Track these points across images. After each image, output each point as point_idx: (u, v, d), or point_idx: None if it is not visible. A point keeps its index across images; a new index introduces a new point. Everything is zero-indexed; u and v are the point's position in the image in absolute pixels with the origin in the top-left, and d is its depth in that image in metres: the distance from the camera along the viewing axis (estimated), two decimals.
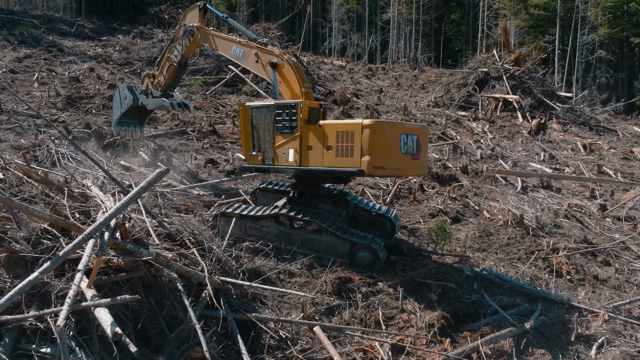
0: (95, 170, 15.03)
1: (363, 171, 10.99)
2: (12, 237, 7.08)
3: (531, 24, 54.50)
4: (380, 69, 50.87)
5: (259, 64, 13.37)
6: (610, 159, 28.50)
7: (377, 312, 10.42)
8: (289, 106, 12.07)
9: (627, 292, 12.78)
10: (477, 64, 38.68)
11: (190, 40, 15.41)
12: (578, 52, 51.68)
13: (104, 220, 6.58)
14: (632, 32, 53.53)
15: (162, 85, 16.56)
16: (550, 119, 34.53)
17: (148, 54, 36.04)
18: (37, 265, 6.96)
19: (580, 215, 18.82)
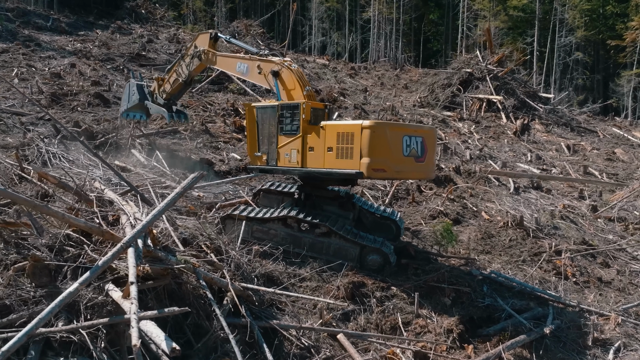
0: (89, 171, 14.51)
1: (362, 173, 10.71)
2: (33, 244, 6.67)
3: (510, 26, 55.19)
4: (363, 68, 50.84)
5: (262, 75, 13.24)
6: (595, 160, 29.00)
7: (392, 317, 10.26)
8: (292, 107, 11.81)
9: (632, 294, 12.90)
10: (460, 64, 38.93)
11: (198, 62, 15.63)
12: (556, 54, 52.54)
13: (141, 227, 6.23)
14: (607, 34, 54.69)
15: (167, 94, 16.87)
16: (533, 120, 34.96)
17: (129, 50, 35.21)
18: (60, 273, 6.57)
19: (573, 217, 19.02)
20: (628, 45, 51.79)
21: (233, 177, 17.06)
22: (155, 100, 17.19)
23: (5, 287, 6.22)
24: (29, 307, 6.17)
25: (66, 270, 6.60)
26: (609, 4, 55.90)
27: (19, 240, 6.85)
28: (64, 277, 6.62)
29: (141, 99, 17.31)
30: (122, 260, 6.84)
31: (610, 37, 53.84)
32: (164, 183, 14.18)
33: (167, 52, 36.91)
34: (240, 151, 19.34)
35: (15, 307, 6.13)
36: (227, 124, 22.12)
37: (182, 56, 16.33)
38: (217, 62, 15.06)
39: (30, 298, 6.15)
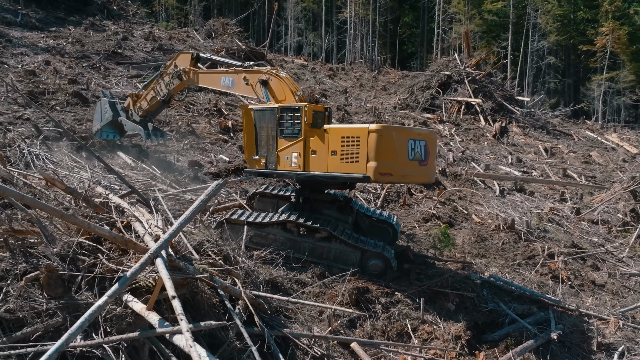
0: (76, 172, 13.98)
1: (369, 177, 10.56)
2: (43, 252, 6.28)
3: (485, 29, 56.00)
4: (341, 69, 50.80)
5: (249, 86, 12.96)
6: (572, 163, 29.56)
7: (398, 323, 10.13)
8: (293, 109, 11.54)
9: (625, 297, 13.10)
10: (439, 67, 39.27)
11: (178, 82, 15.13)
12: (529, 58, 53.55)
13: (168, 237, 5.93)
14: (578, 39, 56.03)
15: (143, 111, 16.21)
16: (510, 123, 35.47)
17: (103, 47, 34.32)
18: (74, 283, 6.21)
19: (559, 219, 19.29)
20: (598, 50, 53.18)
21: (222, 178, 16.69)
22: (131, 117, 16.44)
23: (17, 299, 5.83)
24: (43, 320, 5.80)
25: (80, 281, 6.23)
26: (580, 9, 57.28)
27: (27, 249, 6.44)
28: (79, 288, 6.25)
29: (114, 115, 16.53)
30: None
31: (581, 42, 55.19)
32: (156, 186, 13.74)
33: (144, 50, 36.13)
34: (228, 153, 18.98)
35: (29, 319, 5.75)
36: (212, 125, 21.67)
37: (161, 74, 15.70)
38: (199, 80, 14.66)
39: (44, 310, 5.78)
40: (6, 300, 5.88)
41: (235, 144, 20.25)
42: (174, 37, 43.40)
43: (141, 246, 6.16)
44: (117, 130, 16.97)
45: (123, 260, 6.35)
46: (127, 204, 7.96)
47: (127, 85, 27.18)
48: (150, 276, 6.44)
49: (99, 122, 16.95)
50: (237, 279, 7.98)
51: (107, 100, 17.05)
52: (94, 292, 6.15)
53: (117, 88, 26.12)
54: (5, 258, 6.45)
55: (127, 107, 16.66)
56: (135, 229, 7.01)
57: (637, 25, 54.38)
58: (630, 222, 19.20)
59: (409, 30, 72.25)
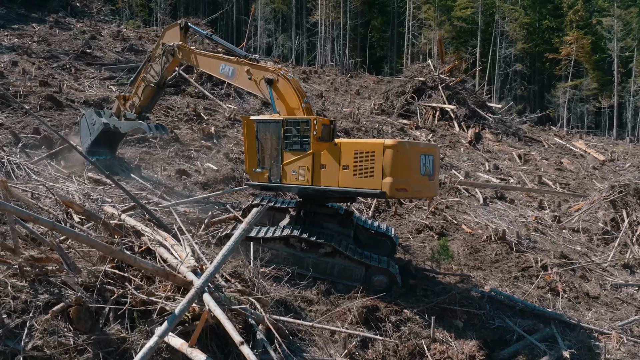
0: (62, 183, 13.28)
1: (385, 193, 10.45)
2: (66, 282, 5.80)
3: (454, 35, 56.81)
4: (313, 72, 50.53)
5: (252, 81, 12.57)
6: (546, 170, 30.16)
7: (410, 342, 9.96)
8: (300, 122, 11.25)
9: (619, 309, 13.31)
10: (413, 73, 39.47)
11: (170, 59, 14.52)
12: (497, 64, 54.62)
13: (213, 270, 5.60)
14: (544, 47, 57.51)
15: (137, 107, 15.34)
16: (483, 129, 35.99)
17: (71, 47, 33.11)
18: (101, 315, 5.76)
19: (542, 228, 19.58)
20: (563, 58, 54.71)
21: (212, 188, 16.22)
22: (124, 117, 15.39)
23: (43, 334, 5.34)
24: (72, 357, 5.34)
25: (108, 312, 5.78)
26: (545, 18, 58.81)
27: (47, 277, 5.94)
28: (106, 320, 5.80)
29: (106, 122, 15.38)
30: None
31: (546, 50, 56.66)
32: (147, 198, 13.17)
33: (114, 51, 35.05)
34: (214, 160, 18.47)
35: (57, 356, 5.28)
36: (195, 131, 21.07)
37: (148, 59, 15.18)
38: (195, 60, 14.07)
39: (72, 345, 5.31)
40: (31, 335, 5.39)
41: (220, 151, 19.73)
42: (144, 37, 42.32)
43: (182, 279, 5.76)
44: (109, 146, 16.00)
45: (151, 289, 5.92)
46: (144, 225, 7.49)
47: (100, 88, 26.26)
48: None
49: (89, 137, 15.78)
50: (257, 304, 7.62)
51: (92, 112, 16.16)
52: (125, 325, 5.72)
53: (90, 91, 25.21)
54: (24, 288, 5.94)
55: (117, 112, 15.77)
56: (161, 255, 6.57)
57: (599, 34, 56.28)
58: (610, 231, 19.62)
59: (378, 34, 72.62)
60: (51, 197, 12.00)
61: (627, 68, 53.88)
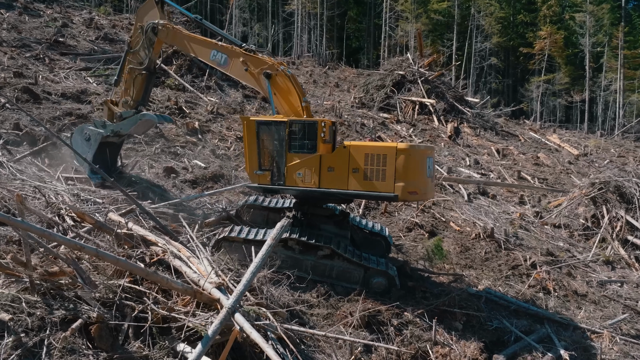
0: (49, 183, 12.82)
1: (397, 196, 10.53)
2: (82, 297, 5.58)
3: (430, 28, 57.05)
4: (291, 63, 50.09)
5: (249, 73, 12.20)
6: (524, 165, 30.68)
7: (412, 346, 10.01)
8: (307, 124, 11.11)
9: (607, 307, 13.64)
10: (393, 66, 39.53)
11: (154, 39, 13.63)
12: (473, 58, 55.15)
13: (242, 289, 5.46)
14: (518, 41, 58.33)
15: (132, 103, 14.29)
16: (462, 123, 36.34)
17: (43, 35, 31.95)
18: (120, 332, 5.56)
19: (526, 224, 19.91)
20: (537, 53, 55.61)
21: (201, 186, 15.93)
22: (121, 118, 14.13)
23: (62, 352, 5.12)
24: None
25: (127, 329, 5.59)
26: (520, 13, 59.59)
27: (62, 292, 5.71)
28: (126, 337, 5.61)
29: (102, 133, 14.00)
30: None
31: (520, 44, 57.47)
32: None
33: (88, 40, 34.01)
34: (201, 157, 18.13)
35: None
36: (179, 126, 20.64)
37: (129, 48, 14.22)
38: (182, 42, 13.28)
39: None
40: (50, 354, 5.16)
41: (205, 147, 19.39)
42: (118, 25, 41.17)
43: (208, 296, 5.59)
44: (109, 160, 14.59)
45: (171, 304, 5.75)
46: (155, 235, 7.26)
47: (77, 79, 25.48)
48: (201, 322, 5.88)
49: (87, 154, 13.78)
50: (271, 315, 7.50)
51: (83, 126, 14.75)
52: (146, 341, 5.53)
53: (66, 82, 24.42)
54: (37, 303, 5.69)
55: (109, 117, 14.47)
56: (178, 269, 6.36)
57: (571, 29, 57.34)
58: (591, 227, 20.09)
59: (354, 25, 72.41)
60: (40, 197, 11.65)
61: (598, 63, 55.16)
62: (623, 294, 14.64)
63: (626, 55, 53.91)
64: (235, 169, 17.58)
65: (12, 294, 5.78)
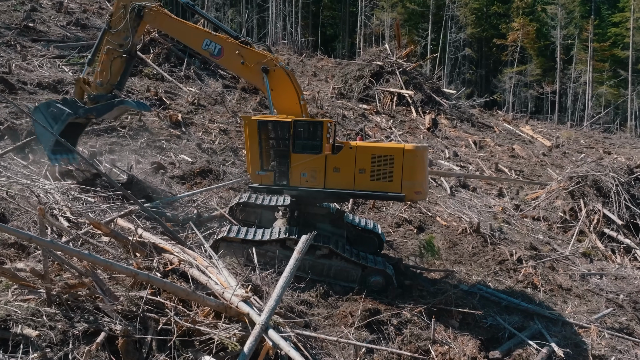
0: (36, 181, 12.45)
1: (404, 197, 10.74)
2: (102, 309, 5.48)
3: (406, 18, 57.19)
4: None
5: (245, 67, 11.97)
6: (501, 157, 31.26)
7: (412, 345, 10.18)
8: (312, 124, 11.08)
9: (590, 300, 14.10)
10: (371, 56, 39.56)
11: (138, 22, 12.95)
12: (448, 49, 55.62)
13: (274, 304, 5.42)
14: (491, 32, 59.06)
15: (106, 85, 13.50)
16: (439, 115, 36.74)
17: (11, 19, 30.75)
18: (144, 345, 5.50)
19: (507, 217, 20.34)
20: (510, 44, 56.46)
21: (189, 182, 15.73)
22: (94, 100, 13.44)
23: None
24: None
25: (150, 342, 5.52)
26: (493, 4, 60.26)
27: (82, 303, 5.59)
28: (149, 350, 5.53)
29: (71, 113, 13.08)
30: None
31: (494, 35, 58.21)
32: None
33: (59, 25, 32.92)
34: (187, 151, 17.85)
35: None
36: (161, 118, 20.25)
37: (108, 26, 13.23)
38: (168, 26, 12.78)
39: None
40: None
41: (190, 141, 19.10)
42: (89, 10, 39.94)
43: (236, 310, 5.55)
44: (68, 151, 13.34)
45: (193, 315, 5.69)
46: (168, 243, 7.14)
47: (52, 68, 24.69)
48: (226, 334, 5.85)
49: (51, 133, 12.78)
50: (281, 319, 7.51)
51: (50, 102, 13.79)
52: (171, 355, 5.47)
53: (41, 71, 23.65)
54: (56, 315, 5.57)
55: (80, 96, 13.75)
56: (194, 277, 6.27)
57: (543, 21, 58.35)
58: (569, 220, 20.66)
59: (329, 12, 71.99)
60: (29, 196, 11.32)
61: (568, 55, 56.36)
62: (604, 287, 15.13)
63: (595, 48, 55.29)
64: (222, 164, 17.40)
65: (31, 307, 5.64)
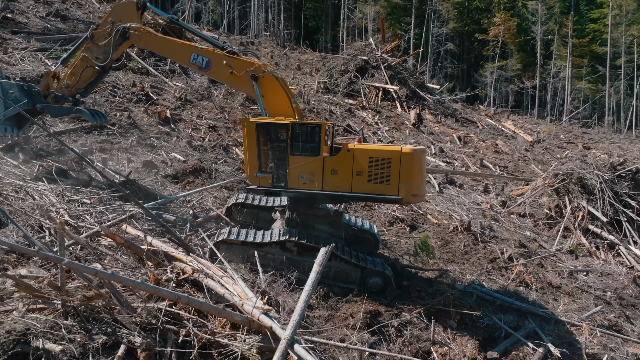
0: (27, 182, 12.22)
1: (401, 199, 10.84)
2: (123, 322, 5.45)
3: (389, 12, 57.20)
4: (250, 43, 49.22)
5: (235, 76, 12.02)
6: (485, 152, 31.63)
7: (413, 346, 10.34)
8: (310, 127, 11.08)
9: (579, 298, 14.45)
10: (356, 51, 39.55)
11: (121, 42, 13.00)
12: (430, 43, 55.88)
13: (298, 318, 5.41)
14: (473, 27, 59.48)
15: (72, 89, 13.43)
16: (423, 110, 36.97)
17: None
18: (164, 357, 5.49)
19: (494, 214, 20.65)
20: (491, 39, 56.96)
21: (181, 181, 15.60)
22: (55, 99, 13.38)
23: None
24: None
25: (170, 354, 5.51)
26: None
27: (99, 315, 5.54)
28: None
29: (29, 102, 13.13)
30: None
31: (475, 30, 58.64)
32: None
33: (38, 16, 32.15)
34: (178, 149, 17.66)
35: None
36: (150, 115, 19.99)
37: (91, 36, 13.14)
38: (155, 45, 12.88)
39: None
40: None
41: (180, 138, 18.90)
42: (68, 0, 39.07)
43: (258, 324, 5.55)
44: (16, 122, 13.53)
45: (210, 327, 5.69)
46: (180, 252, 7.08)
47: (34, 62, 24.14)
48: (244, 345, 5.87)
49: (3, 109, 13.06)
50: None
51: (9, 83, 13.64)
52: None
53: (23, 65, 23.11)
54: (73, 327, 5.51)
55: (44, 89, 13.60)
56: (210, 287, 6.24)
57: (524, 17, 59.01)
58: (554, 216, 21.06)
59: (311, 4, 71.60)
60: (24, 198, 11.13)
61: (548, 51, 57.13)
62: (592, 285, 15.50)
63: (574, 44, 56.15)
64: (214, 162, 17.28)
65: (50, 319, 5.57)
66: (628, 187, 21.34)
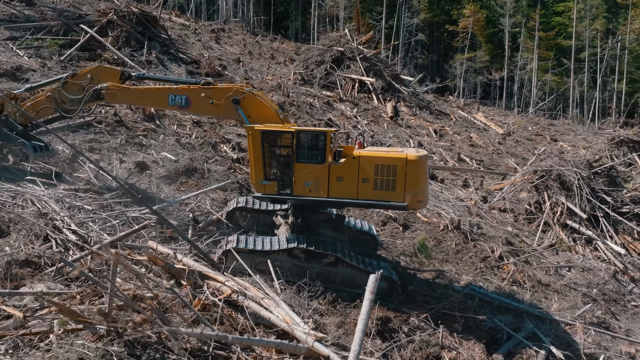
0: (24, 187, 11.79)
1: (407, 206, 10.93)
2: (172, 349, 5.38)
3: (361, 0, 57.08)
4: (221, 30, 48.34)
5: (216, 106, 11.96)
6: (461, 146, 32.19)
7: (423, 351, 10.52)
8: (315, 134, 11.03)
9: (568, 295, 14.99)
10: (331, 42, 39.38)
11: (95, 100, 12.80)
12: (402, 33, 56.14)
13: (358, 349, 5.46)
14: (443, 18, 60.07)
15: (26, 120, 13.06)
16: (399, 102, 37.25)
17: None
18: None
19: (478, 210, 21.11)
20: (461, 31, 57.68)
21: (175, 182, 15.30)
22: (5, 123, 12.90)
23: None
24: None
25: None
26: None
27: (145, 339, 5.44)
28: None
29: None
30: None
31: (446, 21, 59.25)
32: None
33: (2, 1, 30.66)
34: (167, 148, 17.28)
35: None
36: (134, 111, 19.44)
37: (64, 82, 12.79)
38: (131, 98, 12.99)
39: None
40: None
41: (167, 135, 18.48)
42: None
43: (316, 353, 5.54)
44: None
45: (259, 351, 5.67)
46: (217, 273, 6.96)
47: (5, 52, 23.07)
48: None
49: None
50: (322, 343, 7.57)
51: None
52: None
53: None
54: (122, 353, 5.41)
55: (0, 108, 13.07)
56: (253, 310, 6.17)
57: (493, 9, 59.96)
58: (534, 212, 21.71)
59: None
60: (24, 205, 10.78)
61: (515, 43, 58.28)
62: (577, 282, 16.09)
63: (541, 37, 57.47)
64: (206, 161, 17.00)
65: (100, 347, 5.42)
66: (604, 184, 22.19)
